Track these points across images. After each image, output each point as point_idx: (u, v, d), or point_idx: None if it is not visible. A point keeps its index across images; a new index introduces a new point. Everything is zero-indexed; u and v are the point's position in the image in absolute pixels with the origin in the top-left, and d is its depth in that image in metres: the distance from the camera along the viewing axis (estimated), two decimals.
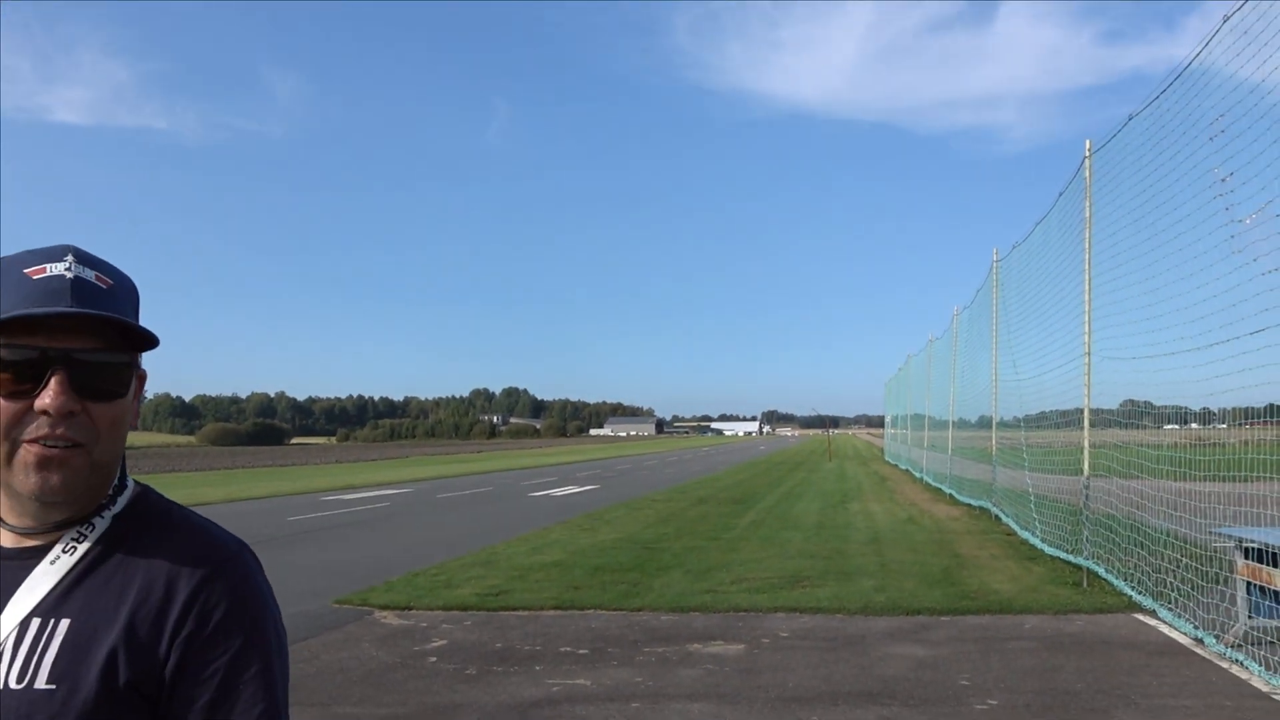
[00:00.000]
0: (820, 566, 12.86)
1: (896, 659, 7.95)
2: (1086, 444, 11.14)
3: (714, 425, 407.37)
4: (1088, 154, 11.21)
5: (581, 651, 8.43)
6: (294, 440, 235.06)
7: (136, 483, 1.34)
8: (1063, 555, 12.24)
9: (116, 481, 1.29)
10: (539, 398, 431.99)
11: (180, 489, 33.01)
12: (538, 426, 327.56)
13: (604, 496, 28.52)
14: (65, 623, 1.18)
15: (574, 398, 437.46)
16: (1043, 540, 13.42)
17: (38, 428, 1.15)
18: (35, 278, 1.16)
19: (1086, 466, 11.22)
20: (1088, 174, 11.20)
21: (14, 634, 1.17)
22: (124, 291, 1.24)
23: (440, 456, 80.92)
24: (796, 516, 20.47)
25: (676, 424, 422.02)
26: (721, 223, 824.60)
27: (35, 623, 1.18)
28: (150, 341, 1.24)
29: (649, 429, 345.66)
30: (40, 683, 1.14)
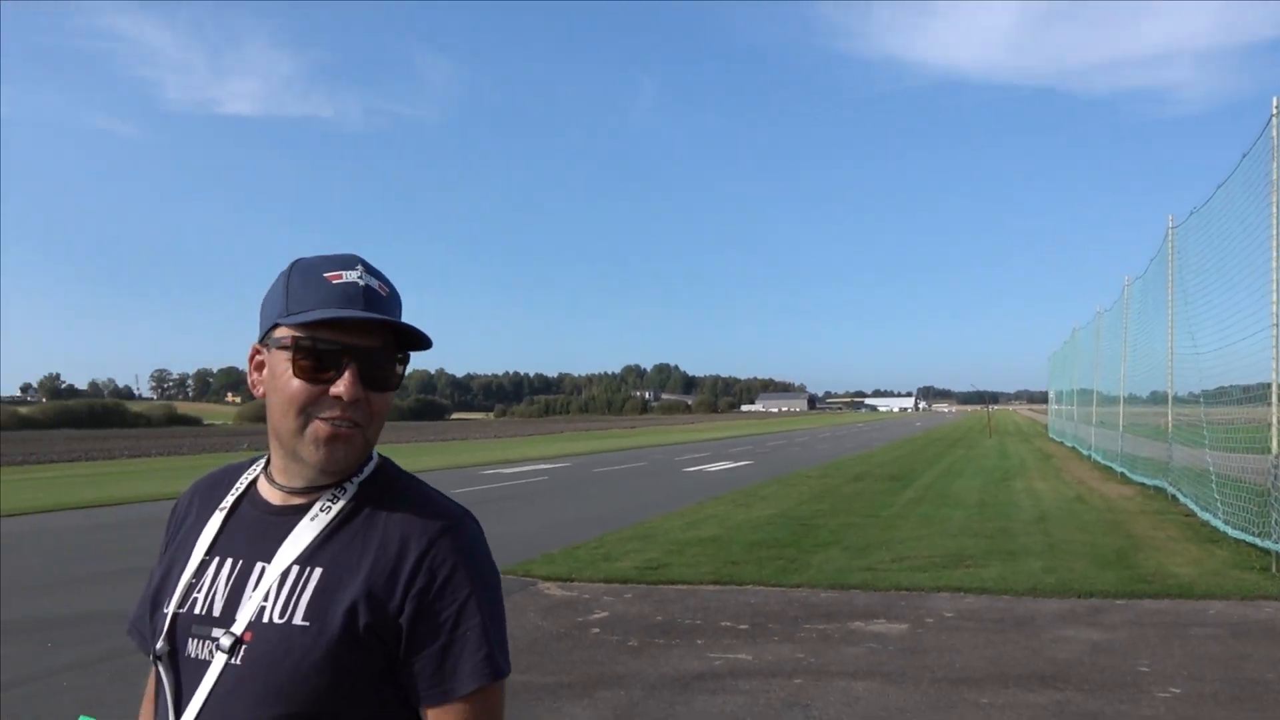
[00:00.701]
0: (984, 546, 12.52)
1: (1069, 642, 7.68)
2: (1276, 420, 10.47)
3: (867, 401, 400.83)
4: (1275, 112, 10.47)
5: (741, 626, 8.44)
6: (454, 416, 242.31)
7: (379, 455, 1.53)
8: (1249, 538, 11.56)
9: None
10: (690, 374, 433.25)
11: None
12: (689, 403, 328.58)
13: (757, 472, 28.44)
14: (318, 571, 1.38)
15: (725, 374, 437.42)
16: (1225, 522, 12.70)
17: (330, 409, 1.39)
18: (334, 282, 1.39)
19: (1276, 445, 10.55)
20: (1275, 133, 10.46)
21: (278, 579, 1.38)
22: (395, 298, 1.47)
23: (594, 432, 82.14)
24: (957, 494, 19.96)
25: (829, 400, 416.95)
26: (873, 195, 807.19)
27: (295, 569, 1.39)
28: (420, 342, 1.45)
29: (801, 405, 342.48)
30: (297, 619, 1.35)
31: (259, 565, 1.41)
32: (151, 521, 18.11)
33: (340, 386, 1.37)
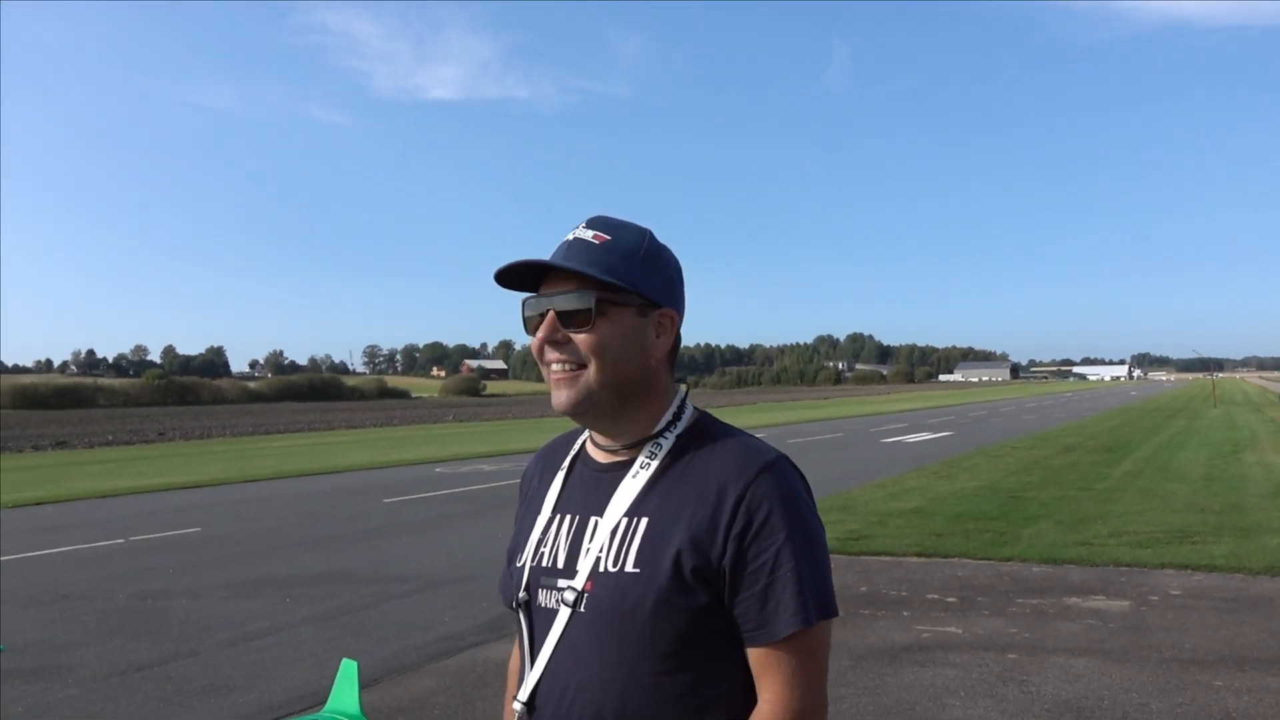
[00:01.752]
0: (1212, 521, 11.78)
1: None
2: None
3: (1075, 370, 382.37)
4: None
5: (949, 599, 8.27)
6: None
7: (696, 409, 1.59)
8: None
9: (676, 409, 1.56)
10: (885, 343, 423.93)
11: (546, 433, 35.48)
12: (884, 373, 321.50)
13: (959, 443, 27.64)
14: (645, 520, 1.46)
15: (921, 343, 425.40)
16: None
17: (545, 357, 1.51)
18: (563, 240, 1.53)
19: None
20: None
21: (609, 531, 1.47)
22: (617, 246, 1.51)
23: (787, 403, 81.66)
24: (1180, 467, 18.83)
25: (1033, 369, 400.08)
26: (1079, 151, 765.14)
27: (624, 521, 1.47)
28: (612, 284, 1.47)
29: (1003, 374, 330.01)
30: (628, 567, 1.43)
31: (593, 519, 1.51)
32: (372, 488, 19.23)
33: (540, 332, 1.49)
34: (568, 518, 1.56)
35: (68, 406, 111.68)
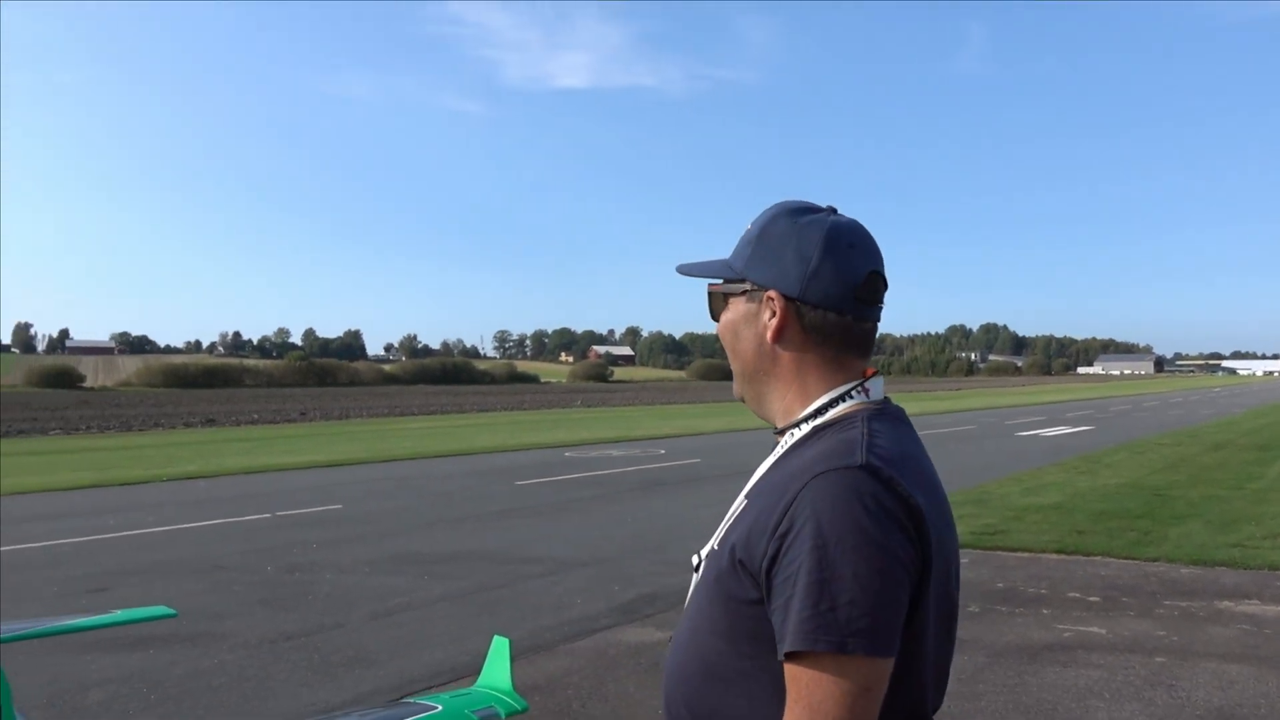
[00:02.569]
0: None
1: None
2: None
3: (1225, 364, 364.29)
4: None
5: (1092, 599, 8.00)
6: None
7: (866, 399, 1.48)
8: None
9: (836, 396, 1.47)
10: (1020, 334, 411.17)
11: (672, 420, 35.64)
12: (1019, 364, 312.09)
13: (1100, 438, 26.68)
14: (745, 502, 1.44)
15: (1059, 333, 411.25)
16: None
17: None
18: None
19: None
20: None
21: (732, 509, 1.48)
22: (748, 233, 1.54)
23: (917, 393, 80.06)
24: None
25: (1179, 362, 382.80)
26: (1234, 129, 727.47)
27: (742, 501, 1.47)
28: (730, 279, 1.54)
29: (1146, 367, 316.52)
30: (716, 545, 1.45)
31: (739, 495, 1.55)
32: (504, 470, 19.63)
33: None
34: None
35: (216, 386, 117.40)
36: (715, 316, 1.57)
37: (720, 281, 1.56)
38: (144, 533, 12.21)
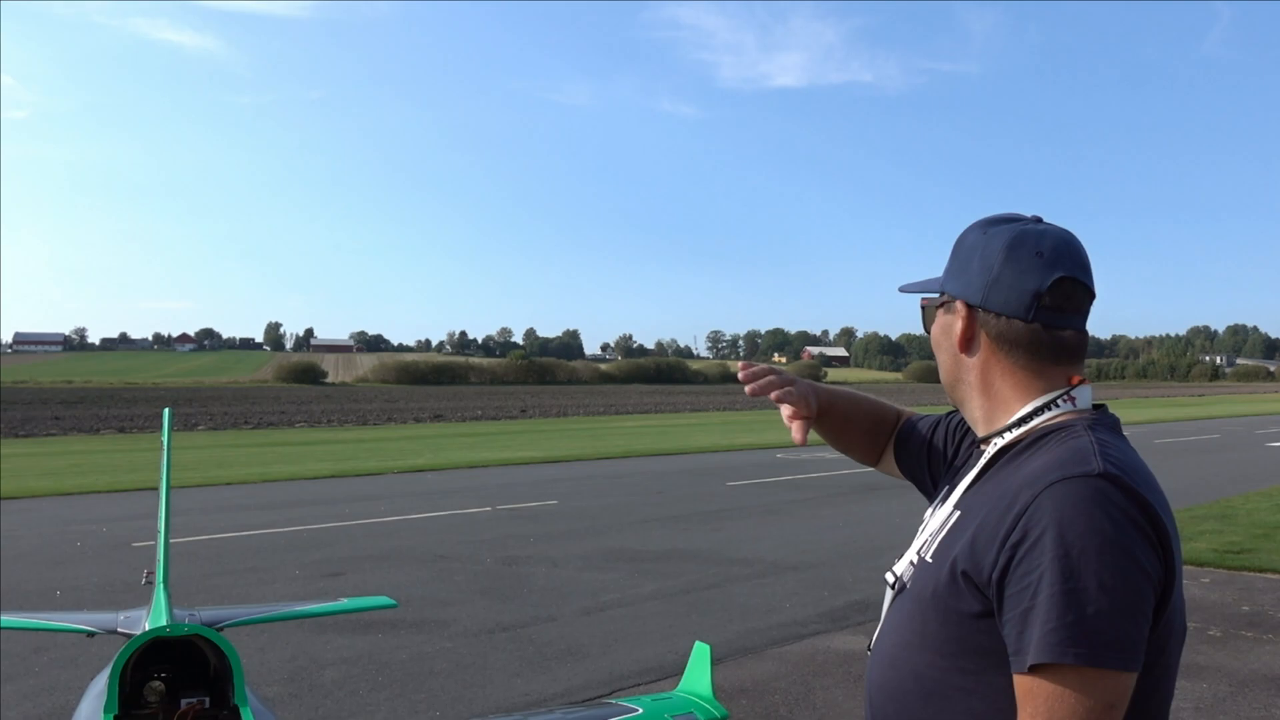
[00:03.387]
0: None
1: None
2: None
3: None
4: None
5: None
6: None
7: (1073, 408, 1.45)
8: None
9: (1036, 405, 1.45)
10: (1272, 336, 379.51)
11: None
12: (1271, 369, 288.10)
13: None
14: (957, 514, 1.44)
15: None
16: None
17: None
18: None
19: None
20: None
21: (940, 519, 1.48)
22: (953, 249, 1.56)
23: (1154, 399, 75.27)
24: None
25: None
26: None
27: (951, 512, 1.46)
28: (941, 290, 1.56)
29: None
30: (928, 556, 1.44)
31: (944, 506, 1.52)
32: (716, 470, 19.72)
33: None
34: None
35: (444, 382, 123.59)
36: (928, 330, 1.62)
37: (929, 295, 1.62)
38: (376, 521, 12.95)
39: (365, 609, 6.27)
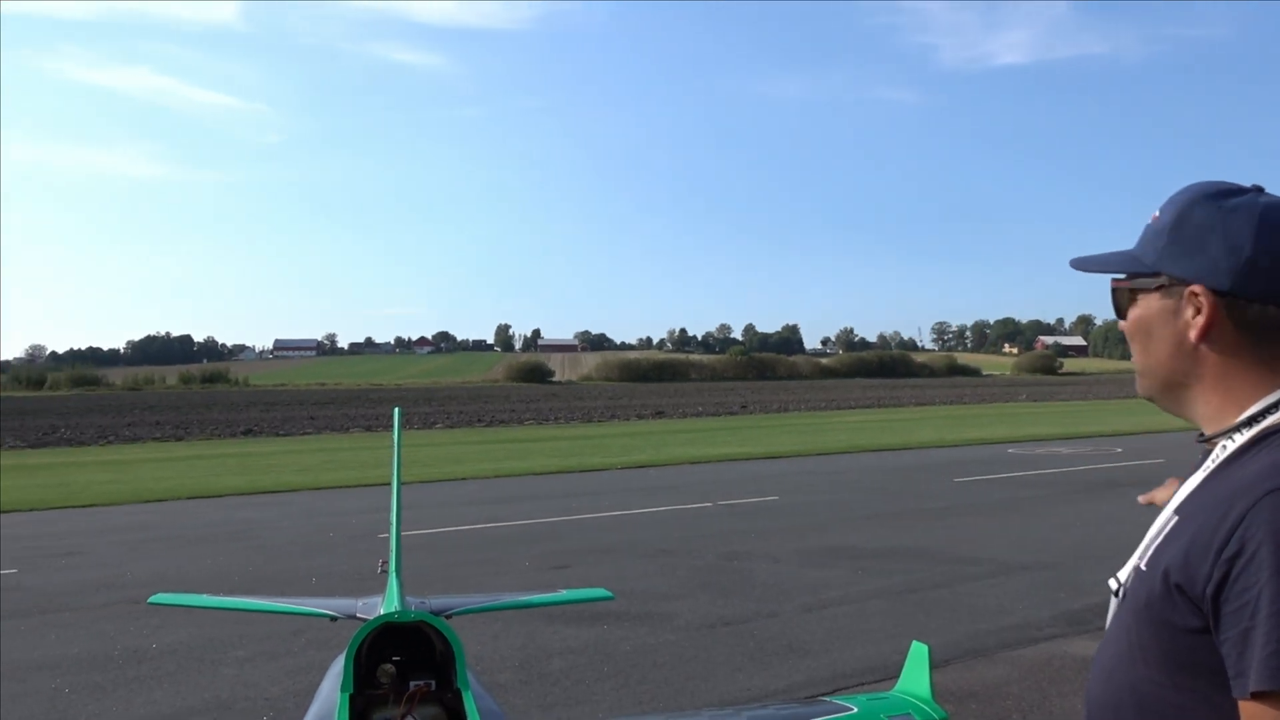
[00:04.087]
0: None
1: None
2: None
3: None
4: None
5: None
6: None
7: None
8: None
9: (1270, 402, 1.30)
10: None
11: (1133, 415, 32.76)
12: None
13: None
14: (1176, 519, 1.30)
15: None
16: None
17: None
18: None
19: None
20: None
21: (1159, 524, 1.34)
22: (1159, 222, 1.39)
23: None
24: None
25: None
26: None
27: (1171, 517, 1.33)
28: (1139, 273, 1.40)
29: None
30: (1143, 564, 1.31)
31: (1166, 510, 1.40)
32: (942, 466, 19.13)
33: None
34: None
35: (665, 379, 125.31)
36: (1121, 313, 1.45)
37: (1125, 276, 1.43)
38: (601, 515, 13.29)
39: (584, 600, 6.43)
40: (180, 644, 7.22)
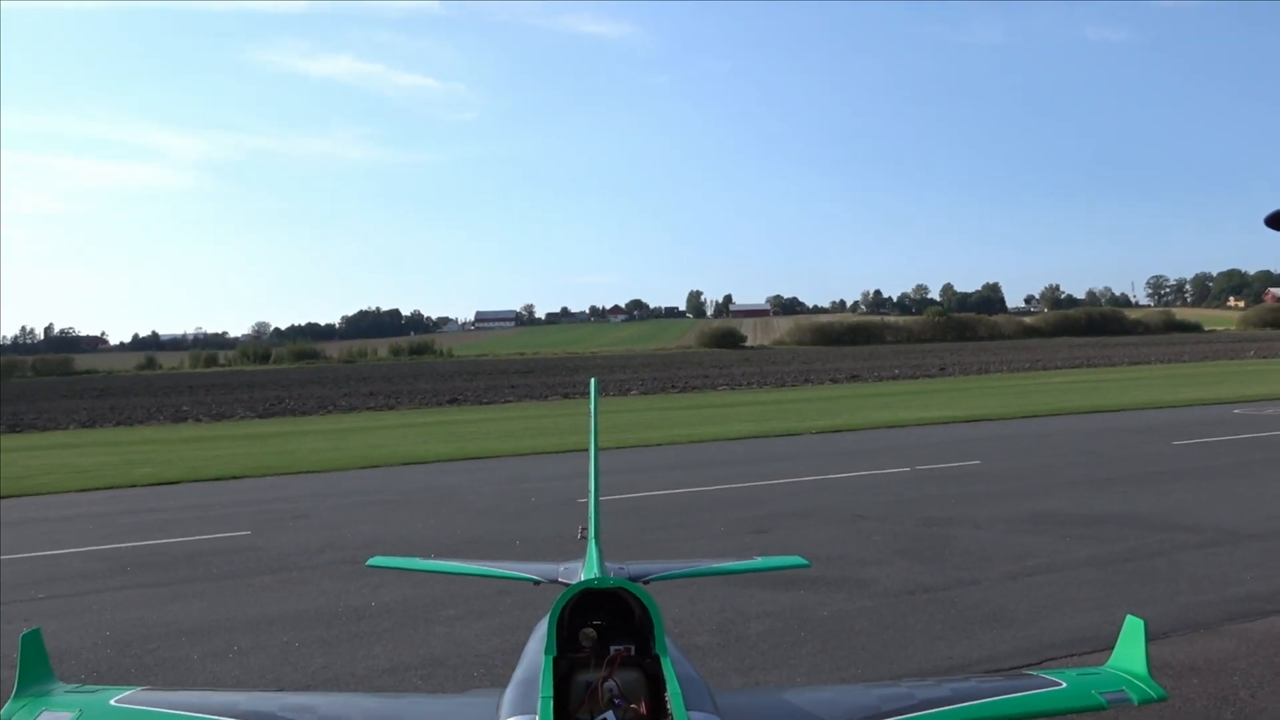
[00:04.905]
0: None
1: None
2: None
3: None
4: None
5: None
6: None
7: None
8: None
9: None
10: None
11: None
12: None
13: None
14: None
15: None
16: None
17: None
18: None
19: None
20: None
21: None
22: None
23: None
24: None
25: None
26: None
27: None
28: None
29: None
30: None
31: None
32: (1159, 428, 18.06)
33: None
34: None
35: (859, 343, 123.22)
36: None
37: None
38: (796, 480, 13.22)
39: (779, 568, 6.41)
40: (396, 603, 7.65)
